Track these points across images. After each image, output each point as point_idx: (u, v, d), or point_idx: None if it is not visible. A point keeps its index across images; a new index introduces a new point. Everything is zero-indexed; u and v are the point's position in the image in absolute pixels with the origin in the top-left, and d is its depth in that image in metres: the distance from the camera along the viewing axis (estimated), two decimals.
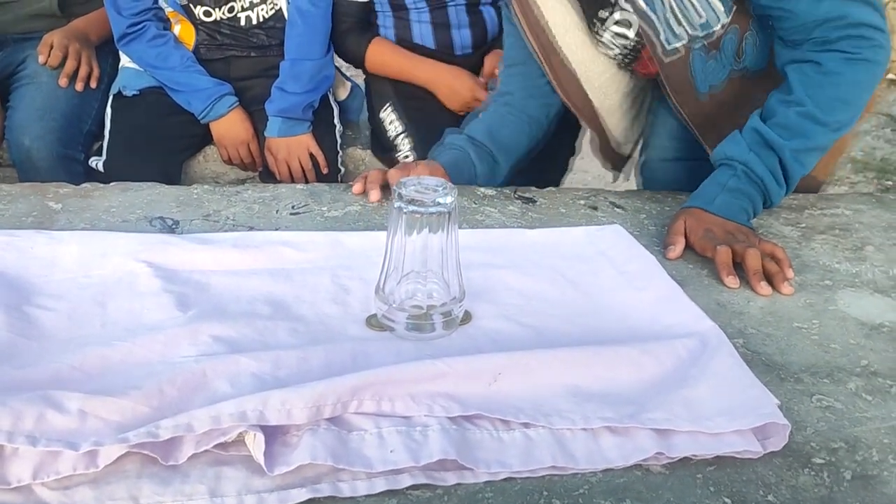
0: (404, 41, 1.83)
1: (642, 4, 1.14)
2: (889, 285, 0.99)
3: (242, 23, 1.77)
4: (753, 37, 1.18)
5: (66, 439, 0.60)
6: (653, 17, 1.14)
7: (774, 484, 0.64)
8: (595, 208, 1.18)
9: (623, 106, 1.36)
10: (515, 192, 1.21)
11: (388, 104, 1.83)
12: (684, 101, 1.24)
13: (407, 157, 1.77)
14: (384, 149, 1.83)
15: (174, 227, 1.02)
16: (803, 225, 1.15)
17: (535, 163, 1.43)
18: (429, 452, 0.63)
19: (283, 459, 0.62)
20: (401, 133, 1.79)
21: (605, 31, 1.21)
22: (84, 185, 1.13)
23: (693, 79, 1.20)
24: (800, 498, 0.63)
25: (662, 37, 1.16)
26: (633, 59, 1.26)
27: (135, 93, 1.75)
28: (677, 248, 1.04)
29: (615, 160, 1.49)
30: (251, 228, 1.03)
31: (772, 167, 1.08)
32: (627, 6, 1.16)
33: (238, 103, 1.76)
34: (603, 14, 1.20)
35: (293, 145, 1.73)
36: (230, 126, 1.75)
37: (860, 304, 0.94)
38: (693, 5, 1.13)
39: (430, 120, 1.75)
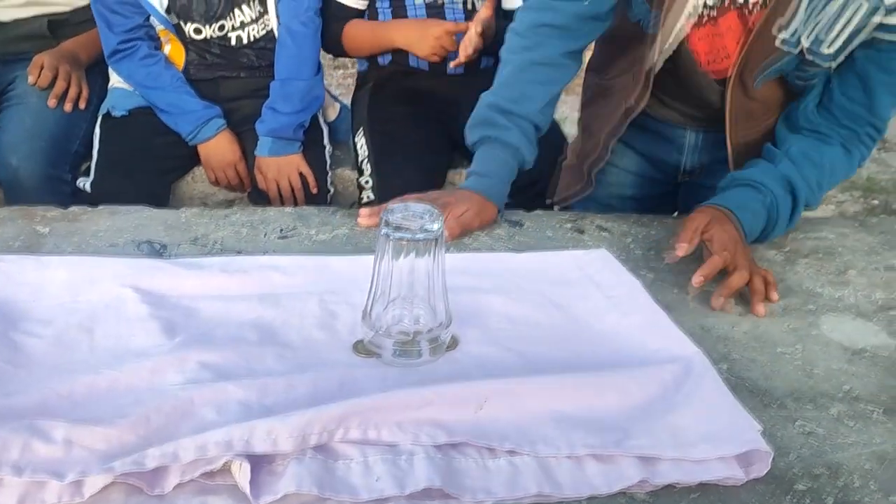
0: (400, 61, 1.87)
1: None
2: (871, 310, 1.00)
3: (233, 42, 1.78)
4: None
5: (52, 469, 0.60)
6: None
7: None
8: (581, 231, 1.19)
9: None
10: (502, 215, 1.22)
11: (361, 128, 1.84)
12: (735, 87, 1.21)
13: (367, 181, 1.77)
14: (357, 170, 1.83)
15: (162, 251, 1.03)
16: (787, 248, 1.17)
17: (523, 187, 1.41)
18: (414, 481, 0.63)
19: (269, 488, 0.62)
20: (365, 158, 1.80)
21: None
22: (72, 208, 1.13)
23: (763, 69, 1.17)
24: None
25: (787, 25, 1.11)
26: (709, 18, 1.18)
27: (123, 113, 1.75)
28: (679, 252, 1.03)
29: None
30: (239, 252, 1.04)
31: (784, 210, 1.13)
32: None
33: (226, 126, 1.77)
34: None
35: (283, 165, 1.74)
36: (217, 148, 1.76)
37: (843, 329, 0.95)
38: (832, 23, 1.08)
39: (394, 154, 1.76)
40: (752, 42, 1.14)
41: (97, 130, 1.75)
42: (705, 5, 1.17)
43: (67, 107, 1.75)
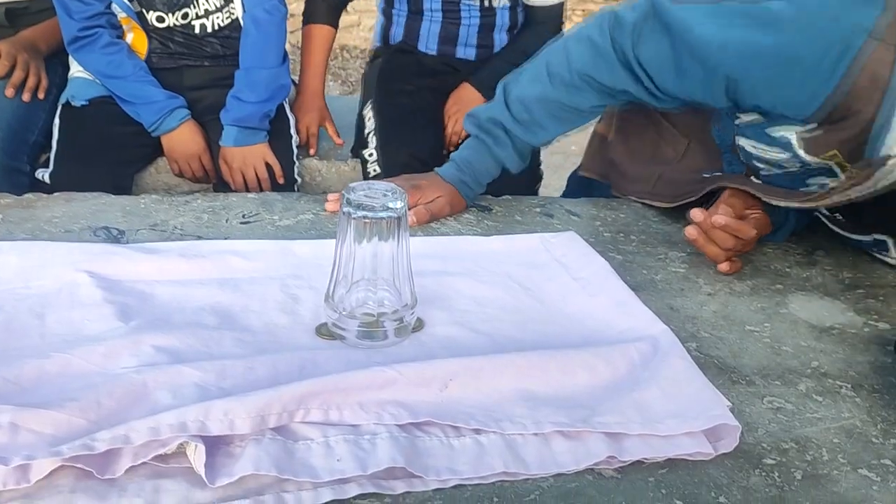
0: (408, 43, 1.92)
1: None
2: (838, 289, 1.00)
3: (197, 31, 1.75)
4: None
5: None
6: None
7: (726, 485, 0.64)
8: (551, 216, 1.18)
9: None
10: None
11: (369, 101, 1.85)
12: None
13: (371, 154, 1.77)
14: (361, 145, 1.83)
15: (119, 237, 1.00)
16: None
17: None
18: (376, 461, 0.61)
19: (226, 471, 0.59)
20: (371, 131, 1.80)
21: None
22: (27, 195, 1.10)
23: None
24: (751, 499, 0.63)
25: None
26: None
27: (84, 103, 1.71)
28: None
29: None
30: (199, 238, 1.01)
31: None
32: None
33: (189, 116, 1.73)
34: None
35: (248, 155, 1.71)
36: (181, 139, 1.72)
37: (811, 308, 0.95)
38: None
39: (401, 124, 1.77)
40: None
41: (56, 121, 1.71)
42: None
43: (26, 97, 1.70)
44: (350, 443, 0.63)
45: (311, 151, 1.90)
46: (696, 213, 1.00)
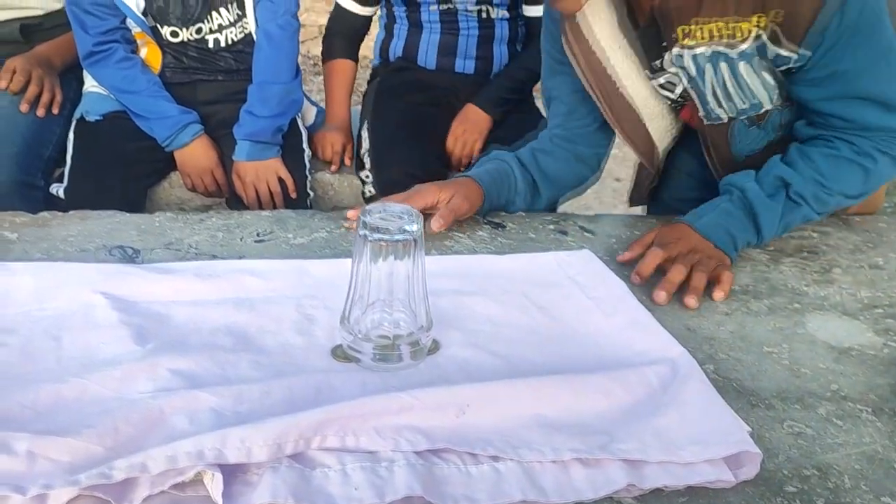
0: (407, 58, 1.94)
1: (692, 70, 1.12)
2: (857, 308, 0.99)
3: (210, 45, 1.76)
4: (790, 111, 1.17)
5: (14, 482, 0.57)
6: (700, 85, 1.13)
7: None
8: (565, 233, 1.17)
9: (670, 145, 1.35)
10: (485, 217, 1.20)
11: (366, 121, 1.86)
12: (720, 159, 1.24)
13: (367, 175, 1.78)
14: (358, 166, 1.84)
15: (135, 256, 1.00)
16: (771, 248, 1.15)
17: None
18: (394, 489, 0.61)
19: (243, 499, 0.59)
20: (366, 151, 1.81)
21: (655, 79, 1.19)
22: (42, 213, 1.10)
23: (731, 142, 1.20)
24: None
25: (703, 111, 1.17)
26: (679, 105, 1.25)
27: (98, 118, 1.72)
28: (625, 256, 1.07)
29: (642, 200, 1.49)
30: (214, 257, 1.01)
31: (772, 195, 1.09)
32: (674, 70, 1.14)
33: (203, 131, 1.74)
34: (656, 65, 1.17)
35: (262, 169, 1.71)
36: (194, 154, 1.73)
37: (829, 328, 0.94)
38: (740, 91, 1.11)
39: (395, 143, 1.77)
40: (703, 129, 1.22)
41: (71, 136, 1.72)
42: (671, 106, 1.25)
43: (40, 112, 1.71)
44: (367, 470, 0.63)
45: (333, 168, 1.91)
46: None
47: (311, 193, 1.82)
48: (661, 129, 1.28)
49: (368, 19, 1.98)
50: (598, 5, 1.15)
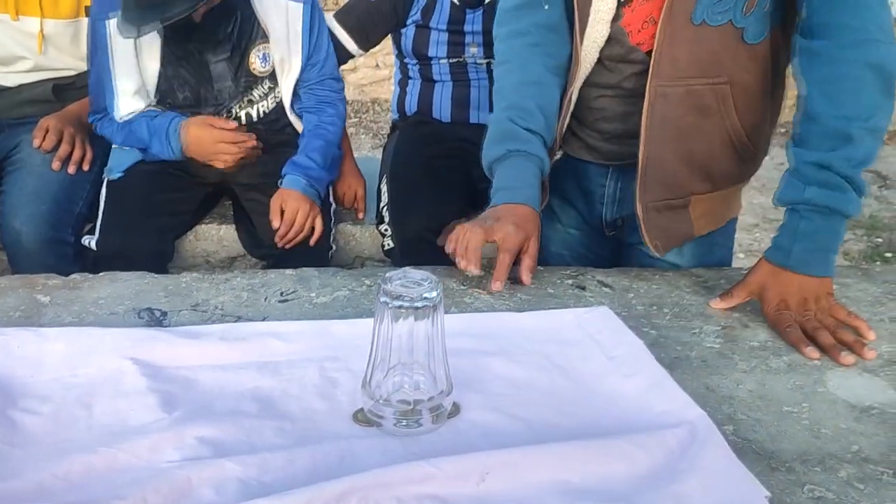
0: (423, 113, 1.99)
1: None
2: (877, 364, 0.99)
3: (243, 121, 1.79)
4: (765, 1, 1.16)
5: None
6: None
7: None
8: (583, 288, 1.18)
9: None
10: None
11: (385, 175, 1.89)
12: (672, 32, 1.18)
13: (387, 230, 1.80)
14: (379, 219, 1.86)
15: (162, 318, 1.02)
16: None
17: None
18: None
19: None
20: (385, 204, 1.84)
21: None
22: (73, 275, 1.14)
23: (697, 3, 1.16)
24: None
25: None
26: None
27: (120, 174, 1.76)
28: (726, 304, 1.12)
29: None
30: (239, 318, 1.03)
31: (833, 185, 1.06)
32: None
33: (183, 118, 1.74)
34: None
35: (304, 207, 1.70)
36: (196, 141, 1.73)
37: (849, 385, 0.94)
38: None
39: (413, 197, 1.80)
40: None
41: (103, 192, 1.76)
42: None
43: (71, 169, 1.76)
44: None
45: (360, 216, 1.94)
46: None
47: (333, 247, 1.84)
48: (592, 36, 1.26)
49: (352, 56, 2.01)
50: None
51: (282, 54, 1.75)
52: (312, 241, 1.73)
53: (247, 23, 1.73)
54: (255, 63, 1.76)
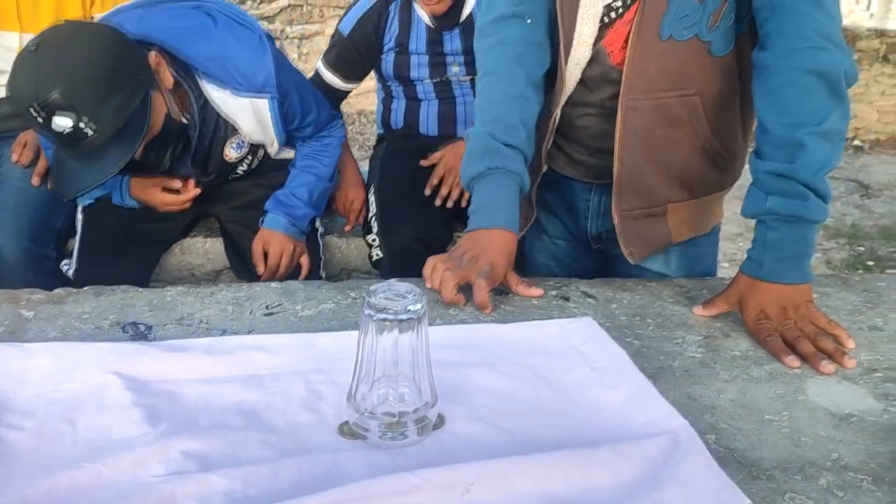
0: (410, 128, 1.99)
1: None
2: (856, 372, 1.01)
3: (228, 178, 1.79)
4: (729, 16, 1.19)
5: None
6: None
7: None
8: (567, 299, 1.19)
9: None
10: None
11: (372, 186, 1.90)
12: (642, 47, 1.20)
13: (374, 240, 1.81)
14: (366, 230, 1.87)
15: (147, 332, 1.02)
16: None
17: None
18: None
19: None
20: (373, 215, 1.85)
21: None
22: (57, 290, 1.13)
23: (664, 16, 1.18)
24: None
25: None
26: (617, 15, 1.23)
27: (90, 202, 1.74)
28: (707, 312, 1.14)
29: None
30: (224, 331, 1.04)
31: (794, 194, 1.08)
32: None
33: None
34: None
35: (288, 247, 1.71)
36: (141, 199, 1.72)
37: (829, 394, 0.95)
38: None
39: (401, 208, 1.80)
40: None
41: (79, 216, 1.74)
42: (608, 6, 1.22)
43: (51, 184, 1.75)
44: None
45: (348, 228, 1.94)
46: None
47: (323, 275, 1.83)
48: (576, 57, 1.27)
49: (346, 92, 2.04)
50: None
51: (257, 140, 1.71)
52: (301, 278, 1.73)
53: (217, 127, 1.63)
54: (230, 152, 1.69)
